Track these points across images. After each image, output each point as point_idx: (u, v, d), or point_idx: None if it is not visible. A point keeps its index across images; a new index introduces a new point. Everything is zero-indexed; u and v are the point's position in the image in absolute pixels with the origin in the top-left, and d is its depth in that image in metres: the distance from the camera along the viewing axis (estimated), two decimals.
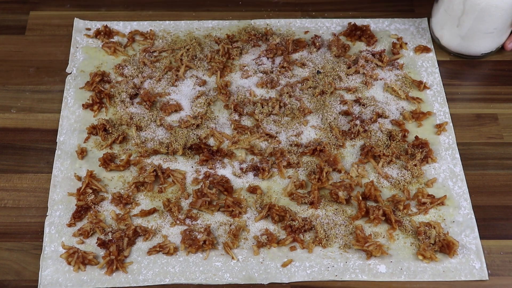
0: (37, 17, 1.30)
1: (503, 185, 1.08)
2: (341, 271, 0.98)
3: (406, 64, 1.23)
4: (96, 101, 1.16)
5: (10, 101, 1.18)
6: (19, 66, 1.23)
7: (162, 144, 1.11)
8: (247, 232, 1.02)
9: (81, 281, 0.97)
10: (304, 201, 1.05)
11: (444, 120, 1.15)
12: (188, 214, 1.03)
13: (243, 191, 1.07)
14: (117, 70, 1.21)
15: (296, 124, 1.14)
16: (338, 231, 1.02)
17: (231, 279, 0.98)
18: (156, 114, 1.15)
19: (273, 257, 1.00)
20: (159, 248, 1.00)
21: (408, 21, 1.30)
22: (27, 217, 1.04)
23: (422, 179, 1.08)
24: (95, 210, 1.04)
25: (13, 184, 1.07)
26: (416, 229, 1.02)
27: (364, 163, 1.10)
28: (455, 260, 0.99)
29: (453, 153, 1.11)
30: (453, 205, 1.05)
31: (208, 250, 1.00)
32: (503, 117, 1.16)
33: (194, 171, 1.09)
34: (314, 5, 1.33)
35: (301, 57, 1.24)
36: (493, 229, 1.03)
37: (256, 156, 1.10)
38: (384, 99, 1.18)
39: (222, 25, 1.29)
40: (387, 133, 1.13)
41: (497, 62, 1.25)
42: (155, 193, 1.06)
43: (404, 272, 0.99)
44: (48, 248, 1.00)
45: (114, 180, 1.08)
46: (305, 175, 1.09)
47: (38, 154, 1.11)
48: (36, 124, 1.15)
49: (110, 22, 1.29)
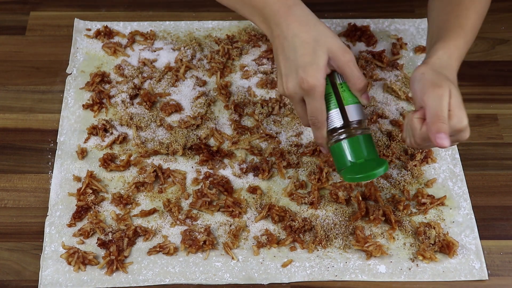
0: (38, 17, 1.30)
1: (503, 185, 1.08)
2: (341, 271, 0.98)
3: (406, 64, 1.23)
4: (96, 102, 1.16)
5: (10, 101, 1.18)
6: (19, 67, 1.23)
7: (162, 145, 1.11)
8: (247, 232, 1.02)
9: (81, 281, 0.97)
10: (304, 201, 1.05)
11: None
12: (188, 214, 1.03)
13: (243, 191, 1.07)
14: (117, 70, 1.21)
15: (296, 125, 1.14)
16: (338, 231, 1.02)
17: (231, 279, 0.98)
18: (156, 114, 1.15)
19: (273, 257, 1.00)
20: (159, 248, 1.00)
21: (408, 21, 1.30)
22: (27, 217, 1.04)
23: (422, 180, 1.08)
24: (95, 210, 1.04)
25: (13, 184, 1.07)
26: (416, 229, 1.02)
27: None
28: (454, 260, 1.00)
29: (453, 154, 1.11)
30: (453, 206, 1.05)
31: (208, 250, 1.00)
32: (503, 117, 1.16)
33: (194, 171, 1.09)
34: (314, 5, 1.32)
35: None
36: (493, 229, 1.04)
37: (256, 157, 1.11)
38: (383, 99, 1.18)
39: (222, 25, 1.29)
40: (387, 134, 1.13)
41: (497, 62, 1.25)
42: (155, 193, 1.06)
43: (404, 272, 0.99)
44: (48, 248, 1.00)
45: (114, 180, 1.08)
46: (305, 175, 1.09)
47: (39, 154, 1.11)
48: (36, 125, 1.15)
49: (110, 22, 1.29)
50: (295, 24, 0.92)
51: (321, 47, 0.91)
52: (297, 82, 0.91)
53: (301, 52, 0.91)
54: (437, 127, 0.87)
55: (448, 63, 0.95)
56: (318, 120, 0.93)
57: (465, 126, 0.89)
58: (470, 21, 1.00)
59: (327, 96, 0.93)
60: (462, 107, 0.90)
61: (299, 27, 0.92)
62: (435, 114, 0.87)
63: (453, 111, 0.88)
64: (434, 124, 0.87)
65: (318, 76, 0.90)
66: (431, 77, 0.91)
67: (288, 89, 0.93)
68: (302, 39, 0.91)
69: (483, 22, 1.31)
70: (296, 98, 0.93)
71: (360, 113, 0.94)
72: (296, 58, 0.91)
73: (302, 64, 0.91)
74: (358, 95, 0.94)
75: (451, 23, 0.99)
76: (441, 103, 0.88)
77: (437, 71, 0.92)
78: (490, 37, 1.29)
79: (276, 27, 0.93)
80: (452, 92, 0.89)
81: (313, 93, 0.91)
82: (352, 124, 0.93)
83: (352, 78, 0.92)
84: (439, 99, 0.88)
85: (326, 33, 0.92)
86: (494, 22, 1.31)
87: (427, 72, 0.92)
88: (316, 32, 0.92)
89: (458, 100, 0.90)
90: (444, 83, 0.90)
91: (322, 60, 0.91)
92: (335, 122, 0.93)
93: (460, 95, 0.91)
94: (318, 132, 0.95)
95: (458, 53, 0.97)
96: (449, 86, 0.90)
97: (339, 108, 0.93)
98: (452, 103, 0.89)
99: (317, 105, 0.92)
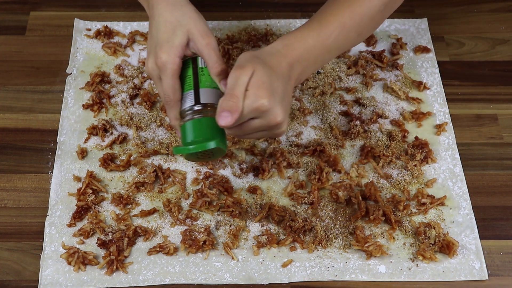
0: (37, 17, 1.30)
1: (503, 185, 1.08)
2: (341, 271, 0.99)
3: (406, 64, 1.23)
4: (96, 102, 1.16)
5: (10, 101, 1.18)
6: (19, 67, 1.23)
7: (162, 145, 1.11)
8: (247, 232, 1.02)
9: (81, 281, 0.97)
10: (304, 201, 1.05)
11: (444, 121, 1.15)
12: (188, 214, 1.03)
13: (243, 191, 1.07)
14: (117, 70, 1.21)
15: (296, 125, 1.14)
16: (338, 231, 1.02)
17: (231, 279, 0.98)
18: (156, 114, 1.15)
19: (273, 257, 1.00)
20: (159, 248, 1.00)
21: (408, 21, 1.30)
22: (27, 217, 1.04)
23: (422, 180, 1.08)
24: (95, 210, 1.04)
25: (13, 184, 1.07)
26: (416, 230, 1.02)
27: (364, 163, 1.10)
28: (454, 260, 1.00)
29: (453, 154, 1.11)
30: (453, 206, 1.05)
31: (208, 250, 1.00)
32: (503, 117, 1.16)
33: (194, 171, 1.09)
34: (314, 6, 1.33)
35: None
36: (493, 229, 1.04)
37: (256, 157, 1.11)
38: (384, 99, 1.18)
39: (222, 25, 1.29)
40: (387, 134, 1.13)
41: (497, 62, 1.25)
42: (155, 193, 1.06)
43: (404, 272, 0.99)
44: (48, 248, 1.00)
45: (114, 180, 1.08)
46: (305, 175, 1.09)
47: (39, 154, 1.11)
48: (36, 125, 1.15)
49: (110, 22, 1.29)
50: (163, 4, 0.95)
51: (181, 28, 0.93)
52: (154, 59, 0.93)
53: (162, 30, 0.93)
54: (222, 105, 0.85)
55: (279, 51, 0.91)
56: (170, 99, 0.94)
57: (261, 105, 0.85)
58: (336, 17, 0.96)
59: (186, 78, 0.94)
60: (264, 87, 0.85)
61: (165, 7, 0.94)
62: (226, 93, 0.86)
63: (250, 90, 0.85)
64: (222, 102, 0.85)
65: (172, 54, 0.92)
66: (241, 60, 0.88)
67: (147, 66, 0.95)
68: (165, 18, 0.94)
69: (483, 22, 1.31)
70: (154, 75, 0.95)
71: (214, 97, 0.93)
72: (157, 36, 0.94)
73: (160, 41, 0.93)
74: (217, 80, 0.93)
75: (314, 17, 0.97)
76: (236, 82, 0.86)
77: (255, 56, 0.89)
78: (490, 37, 1.29)
79: (150, 8, 0.97)
80: (255, 72, 0.86)
81: (165, 69, 0.92)
82: (203, 106, 0.92)
83: (210, 61, 0.93)
84: (235, 79, 0.86)
85: (191, 15, 0.94)
86: (494, 22, 1.31)
87: (243, 56, 0.89)
88: (180, 13, 0.94)
89: (260, 80, 0.86)
90: (248, 64, 0.87)
91: (179, 40, 0.93)
92: (187, 103, 0.93)
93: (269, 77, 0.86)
94: (170, 111, 0.95)
95: (300, 44, 0.92)
96: (253, 67, 0.86)
97: (194, 90, 0.93)
98: (251, 82, 0.86)
99: (169, 83, 0.93)
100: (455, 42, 1.28)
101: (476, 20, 1.31)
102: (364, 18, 0.98)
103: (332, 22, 0.95)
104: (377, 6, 0.98)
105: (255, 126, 0.88)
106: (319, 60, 0.96)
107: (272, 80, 0.87)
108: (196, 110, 0.92)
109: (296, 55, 0.92)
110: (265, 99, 0.85)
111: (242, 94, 0.85)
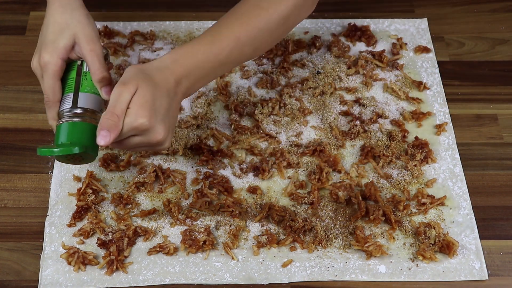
0: (37, 17, 1.30)
1: (503, 185, 1.08)
2: (341, 271, 0.99)
3: (406, 64, 1.23)
4: None
5: (10, 101, 1.18)
6: (19, 67, 1.23)
7: None
8: (247, 232, 1.02)
9: (81, 281, 0.97)
10: (304, 201, 1.05)
11: (444, 121, 1.15)
12: (188, 214, 1.03)
13: (243, 191, 1.07)
14: (118, 70, 1.21)
15: (296, 125, 1.14)
16: (338, 231, 1.02)
17: (231, 279, 0.98)
18: None
19: (273, 257, 1.00)
20: (159, 248, 1.00)
21: (408, 21, 1.30)
22: (27, 217, 1.04)
23: (422, 180, 1.08)
24: (95, 210, 1.04)
25: (13, 184, 1.08)
26: (416, 230, 1.02)
27: (364, 163, 1.10)
28: (454, 260, 1.00)
29: (453, 154, 1.11)
30: (453, 206, 1.05)
31: (208, 250, 1.00)
32: (503, 117, 1.17)
33: (194, 171, 1.09)
34: None
35: (301, 57, 1.24)
36: (493, 229, 1.04)
37: (256, 157, 1.11)
38: (384, 99, 1.18)
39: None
40: (387, 134, 1.13)
41: (497, 62, 1.25)
42: (155, 193, 1.06)
43: (404, 272, 0.99)
44: (48, 248, 1.00)
45: (114, 180, 1.08)
46: (305, 175, 1.09)
47: None
48: (36, 125, 1.15)
49: (111, 22, 1.29)
50: (56, 5, 0.97)
51: (68, 31, 0.95)
52: (38, 58, 0.95)
53: (50, 30, 0.95)
54: (101, 123, 0.85)
55: (167, 67, 0.91)
56: (49, 99, 0.96)
57: (141, 124, 0.86)
58: (231, 31, 0.95)
59: (68, 80, 0.96)
60: (146, 106, 0.86)
61: (57, 8, 0.96)
62: (106, 110, 0.86)
63: (131, 109, 0.86)
64: (102, 120, 0.85)
65: (55, 55, 0.94)
66: (126, 76, 0.89)
67: (32, 64, 0.96)
68: (55, 19, 0.96)
69: (483, 22, 1.31)
70: (38, 74, 0.97)
71: (94, 103, 0.95)
72: (45, 36, 0.96)
73: (46, 41, 0.95)
74: (98, 87, 0.95)
75: (210, 29, 0.97)
76: (117, 99, 0.86)
77: (142, 71, 0.89)
78: (490, 37, 1.29)
79: (47, 7, 0.99)
80: (138, 90, 0.86)
81: (46, 70, 0.94)
82: (79, 111, 0.93)
83: (92, 67, 0.94)
84: (117, 95, 0.86)
85: (80, 19, 0.96)
86: (494, 22, 1.31)
87: (129, 70, 0.89)
88: (70, 16, 0.95)
89: (142, 99, 0.86)
90: (132, 80, 0.87)
91: (64, 42, 0.94)
92: (65, 105, 0.94)
93: (152, 95, 0.86)
94: (48, 111, 0.97)
95: (189, 60, 0.92)
96: (137, 84, 0.86)
97: (74, 93, 0.95)
98: (134, 100, 0.86)
99: (49, 83, 0.95)
100: (455, 42, 1.28)
101: (476, 20, 1.32)
102: (261, 32, 0.97)
103: (226, 36, 0.95)
104: (276, 20, 0.97)
105: (135, 143, 0.89)
106: (211, 74, 0.96)
107: (155, 98, 0.87)
108: (74, 113, 0.93)
109: (184, 71, 0.92)
110: (145, 119, 0.86)
111: (122, 113, 0.86)
